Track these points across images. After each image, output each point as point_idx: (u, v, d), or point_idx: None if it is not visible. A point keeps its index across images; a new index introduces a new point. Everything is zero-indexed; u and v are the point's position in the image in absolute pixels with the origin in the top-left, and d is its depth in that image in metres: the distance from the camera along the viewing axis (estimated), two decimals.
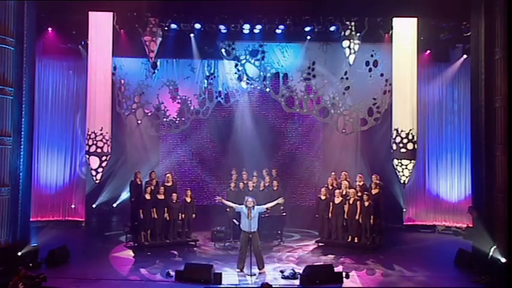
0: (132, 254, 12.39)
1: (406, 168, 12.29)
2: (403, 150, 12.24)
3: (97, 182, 12.72)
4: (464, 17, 12.53)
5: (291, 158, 16.81)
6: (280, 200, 11.54)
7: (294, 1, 12.44)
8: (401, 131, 12.25)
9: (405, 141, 12.20)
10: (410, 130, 12.21)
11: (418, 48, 12.58)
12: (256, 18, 13.36)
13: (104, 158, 12.31)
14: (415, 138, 12.31)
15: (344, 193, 13.15)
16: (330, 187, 13.65)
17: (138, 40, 13.67)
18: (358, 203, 12.80)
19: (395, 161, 12.39)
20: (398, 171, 12.39)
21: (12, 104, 10.61)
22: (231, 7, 12.65)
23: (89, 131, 12.26)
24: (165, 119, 15.62)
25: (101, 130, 12.20)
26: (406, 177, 12.36)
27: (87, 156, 12.39)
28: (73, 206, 15.17)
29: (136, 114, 15.44)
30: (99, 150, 12.19)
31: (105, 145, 12.25)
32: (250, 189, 13.54)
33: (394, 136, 12.39)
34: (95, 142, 12.17)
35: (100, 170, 12.35)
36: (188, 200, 13.31)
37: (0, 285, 8.37)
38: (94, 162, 12.30)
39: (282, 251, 12.75)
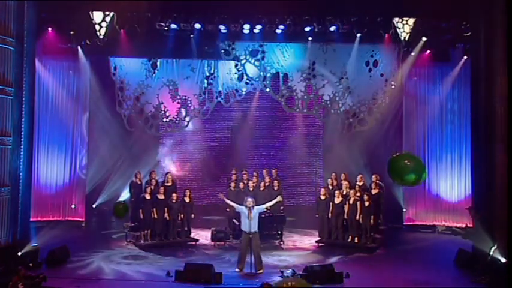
0: (132, 254, 12.39)
1: (407, 23, 12.19)
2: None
3: (101, 37, 12.84)
4: (464, 17, 12.54)
5: (291, 158, 16.79)
6: (279, 198, 11.54)
7: (294, 1, 12.44)
8: None
9: None
10: None
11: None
12: (256, 18, 13.37)
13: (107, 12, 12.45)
14: None
15: (344, 193, 13.15)
16: (330, 187, 13.64)
17: (138, 40, 13.67)
18: (358, 203, 12.78)
19: (396, 19, 12.44)
20: (399, 28, 12.31)
21: (12, 104, 10.57)
22: (231, 7, 12.67)
23: None
24: (165, 119, 15.63)
25: None
26: (407, 33, 12.29)
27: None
28: (73, 206, 15.16)
29: (136, 114, 15.44)
30: None
31: None
32: (250, 189, 13.52)
33: None
34: None
35: (104, 24, 12.47)
36: (187, 200, 13.32)
37: (0, 285, 8.36)
38: (97, 16, 12.44)
39: (282, 251, 12.73)
